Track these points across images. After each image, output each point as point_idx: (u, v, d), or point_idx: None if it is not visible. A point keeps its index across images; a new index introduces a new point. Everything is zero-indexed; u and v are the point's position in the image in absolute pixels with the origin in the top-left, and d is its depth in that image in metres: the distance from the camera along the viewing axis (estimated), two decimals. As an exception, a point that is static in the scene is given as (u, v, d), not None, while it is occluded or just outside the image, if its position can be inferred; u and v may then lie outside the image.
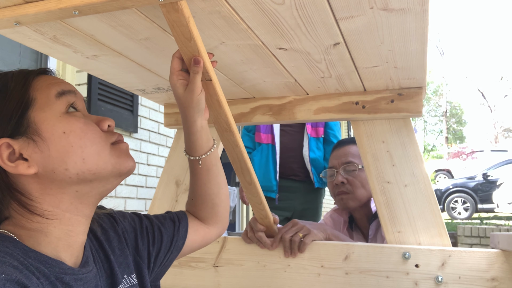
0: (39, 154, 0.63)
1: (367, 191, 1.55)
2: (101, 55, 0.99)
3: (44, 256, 0.61)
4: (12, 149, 0.62)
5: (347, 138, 1.73)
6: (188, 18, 0.72)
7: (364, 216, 1.59)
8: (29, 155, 0.62)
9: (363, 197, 1.55)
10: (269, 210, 1.23)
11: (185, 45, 0.77)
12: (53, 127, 0.64)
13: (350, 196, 1.55)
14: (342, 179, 1.56)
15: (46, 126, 0.64)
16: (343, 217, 1.66)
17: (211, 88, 0.84)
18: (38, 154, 0.63)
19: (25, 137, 0.63)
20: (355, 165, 1.55)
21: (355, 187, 1.54)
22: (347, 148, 1.62)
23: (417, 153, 1.18)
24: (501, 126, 28.77)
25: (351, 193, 1.55)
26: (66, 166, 0.63)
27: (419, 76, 1.07)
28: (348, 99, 1.21)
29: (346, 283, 1.16)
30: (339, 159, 1.60)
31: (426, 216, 1.16)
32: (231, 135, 0.94)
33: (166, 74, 1.11)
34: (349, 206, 1.57)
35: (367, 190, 1.55)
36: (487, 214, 11.22)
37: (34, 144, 0.63)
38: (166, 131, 4.05)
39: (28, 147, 0.63)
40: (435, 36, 28.96)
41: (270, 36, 0.87)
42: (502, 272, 1.06)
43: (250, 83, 1.17)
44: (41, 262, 0.59)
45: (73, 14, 0.73)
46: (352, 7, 0.75)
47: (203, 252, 1.31)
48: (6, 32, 0.88)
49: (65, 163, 0.63)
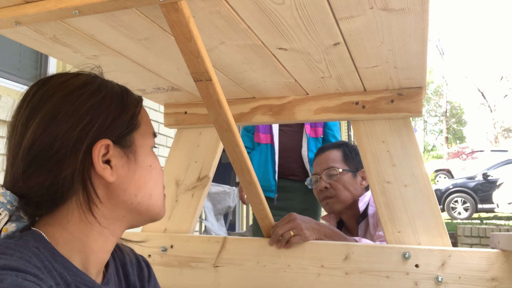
0: (125, 171, 0.67)
1: (350, 193, 1.62)
2: (101, 55, 0.99)
3: (70, 264, 0.62)
4: (107, 152, 0.65)
5: (327, 144, 1.81)
6: (188, 18, 0.73)
7: (352, 218, 1.63)
8: (116, 165, 0.66)
9: (347, 199, 1.61)
10: (269, 210, 1.23)
11: (185, 45, 0.77)
12: (146, 156, 0.70)
13: (334, 200, 1.62)
14: (325, 184, 1.63)
15: (141, 152, 0.70)
16: (331, 222, 1.69)
17: (211, 88, 0.84)
18: (125, 170, 0.67)
19: (123, 151, 0.67)
20: (336, 170, 1.63)
21: (338, 191, 1.61)
22: (327, 153, 1.69)
23: (417, 153, 1.18)
24: (501, 126, 28.77)
25: (335, 196, 1.62)
26: (136, 193, 0.68)
27: (419, 76, 1.07)
28: (348, 99, 1.21)
29: (346, 283, 1.16)
30: (320, 165, 1.67)
31: (426, 216, 1.16)
32: (231, 135, 0.94)
33: (166, 74, 1.11)
34: (335, 209, 1.63)
35: (350, 191, 1.61)
36: (487, 214, 11.22)
37: (126, 160, 0.68)
38: (166, 131, 4.05)
39: (120, 160, 0.67)
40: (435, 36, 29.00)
41: (270, 36, 0.87)
42: (502, 272, 1.06)
43: (250, 83, 1.17)
44: (66, 269, 0.61)
45: (73, 14, 0.73)
46: (352, 7, 0.75)
47: (203, 252, 1.31)
48: (6, 32, 0.88)
49: (138, 190, 0.68)
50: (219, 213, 3.84)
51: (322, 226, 1.30)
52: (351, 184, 1.61)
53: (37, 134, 0.63)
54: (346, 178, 1.62)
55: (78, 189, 0.64)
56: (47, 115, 0.63)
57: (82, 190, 0.64)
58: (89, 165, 0.64)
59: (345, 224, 1.68)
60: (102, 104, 0.66)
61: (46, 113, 0.64)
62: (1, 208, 0.61)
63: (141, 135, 0.71)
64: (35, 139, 0.63)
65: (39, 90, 0.66)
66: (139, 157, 0.69)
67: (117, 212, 0.68)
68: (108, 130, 0.66)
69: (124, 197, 0.67)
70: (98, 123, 0.65)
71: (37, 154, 0.63)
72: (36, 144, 0.63)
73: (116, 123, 0.67)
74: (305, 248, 1.23)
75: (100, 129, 0.65)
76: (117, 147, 0.66)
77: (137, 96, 0.74)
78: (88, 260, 0.65)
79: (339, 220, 1.71)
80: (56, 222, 0.64)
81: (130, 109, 0.70)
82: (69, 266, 0.62)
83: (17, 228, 0.62)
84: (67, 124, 0.63)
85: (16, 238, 0.60)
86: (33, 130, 0.63)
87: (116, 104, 0.68)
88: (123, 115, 0.68)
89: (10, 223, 0.62)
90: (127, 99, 0.71)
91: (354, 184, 1.63)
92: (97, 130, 0.65)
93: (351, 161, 1.66)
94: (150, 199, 0.70)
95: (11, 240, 0.59)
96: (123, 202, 0.67)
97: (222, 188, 3.81)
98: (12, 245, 0.57)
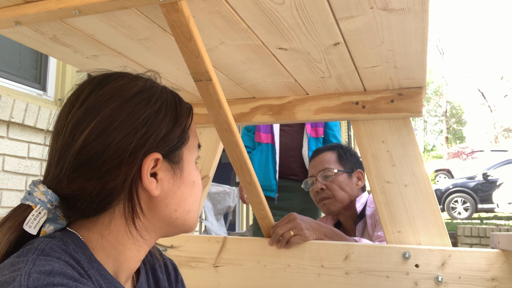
0: (170, 186, 0.66)
1: (347, 193, 1.63)
2: (101, 55, 0.99)
3: (105, 271, 0.62)
4: (155, 165, 0.64)
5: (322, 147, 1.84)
6: (188, 18, 0.73)
7: (349, 218, 1.64)
8: (162, 179, 0.65)
9: (344, 199, 1.63)
10: (269, 210, 1.23)
11: (185, 45, 0.77)
12: (191, 172, 0.69)
13: (331, 201, 1.63)
14: (321, 185, 1.64)
15: (187, 168, 0.69)
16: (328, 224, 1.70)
17: (211, 88, 0.84)
18: (170, 185, 0.66)
19: (171, 165, 0.66)
20: (331, 170, 1.64)
21: (335, 191, 1.62)
22: (322, 156, 1.71)
23: (417, 153, 1.18)
24: (501, 126, 28.76)
25: (332, 197, 1.63)
26: (176, 208, 0.67)
27: (419, 76, 1.07)
28: (348, 99, 1.21)
29: (346, 283, 1.16)
30: (316, 168, 1.69)
31: (426, 216, 1.16)
32: (231, 135, 0.94)
33: (166, 74, 1.11)
34: (333, 210, 1.64)
35: (346, 192, 1.63)
36: (487, 214, 11.22)
37: (173, 175, 0.66)
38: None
39: (167, 174, 0.66)
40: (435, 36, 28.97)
41: (270, 36, 0.87)
42: (502, 272, 1.06)
43: (250, 83, 1.17)
44: (101, 276, 0.61)
45: (73, 14, 0.73)
46: (352, 7, 0.75)
47: (203, 252, 1.31)
48: (6, 32, 0.88)
49: (179, 206, 0.67)
50: (219, 213, 3.84)
51: (322, 226, 1.31)
52: (346, 185, 1.63)
53: (90, 139, 0.61)
54: (341, 179, 1.63)
55: (122, 199, 0.63)
56: (102, 121, 0.62)
57: (128, 201, 0.63)
58: (137, 177, 0.63)
59: (343, 225, 1.68)
60: (158, 115, 0.65)
61: (101, 119, 0.62)
62: (41, 207, 0.60)
63: (188, 149, 0.69)
64: (87, 144, 0.61)
65: (95, 91, 0.64)
66: (184, 173, 0.68)
67: (156, 224, 0.67)
68: (161, 143, 0.64)
69: (165, 211, 0.66)
70: (153, 135, 0.64)
71: (87, 160, 0.61)
72: (87, 149, 0.61)
73: (168, 136, 0.65)
74: (305, 248, 1.23)
75: (154, 142, 0.64)
76: (165, 161, 0.65)
77: (188, 105, 0.72)
78: (120, 268, 0.65)
79: (336, 222, 1.72)
80: (95, 228, 0.63)
81: (182, 121, 0.68)
82: (104, 273, 0.61)
83: (54, 229, 0.62)
84: (121, 134, 0.62)
85: (57, 239, 0.59)
86: (86, 134, 0.61)
87: (170, 115, 0.67)
88: (176, 128, 0.67)
89: (48, 225, 0.61)
90: (180, 110, 0.69)
91: (350, 184, 1.64)
92: (151, 143, 0.63)
93: (346, 162, 1.67)
94: (188, 214, 0.69)
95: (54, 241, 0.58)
96: (163, 216, 0.67)
97: (222, 188, 3.81)
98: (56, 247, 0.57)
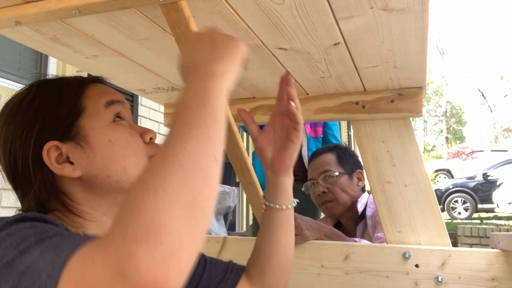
0: (85, 159, 0.65)
1: (349, 195, 1.61)
2: (101, 55, 0.99)
3: None
4: (60, 151, 0.65)
5: (321, 148, 1.80)
6: (188, 18, 0.73)
7: (350, 220, 1.63)
8: (75, 159, 0.65)
9: (346, 201, 1.61)
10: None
11: (185, 45, 0.76)
12: (100, 135, 0.67)
13: (334, 204, 1.61)
14: (323, 188, 1.61)
15: (94, 133, 0.67)
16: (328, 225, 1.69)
17: (211, 88, 0.83)
18: (84, 159, 0.65)
19: (73, 142, 0.66)
20: (332, 173, 1.61)
21: (337, 194, 1.60)
22: (322, 157, 1.68)
23: (417, 153, 1.18)
24: (501, 126, 28.77)
25: (334, 200, 1.61)
26: (108, 173, 0.66)
27: (419, 76, 1.07)
28: (348, 99, 1.21)
29: (346, 283, 1.16)
30: (316, 170, 1.66)
31: (426, 216, 1.16)
32: (231, 135, 0.94)
33: (166, 74, 1.11)
34: (335, 213, 1.62)
35: (348, 194, 1.60)
36: (487, 214, 11.21)
37: (81, 149, 0.66)
38: (166, 131, 4.05)
39: (75, 152, 0.65)
40: (435, 36, 28.94)
41: (270, 36, 0.87)
42: (502, 272, 1.06)
43: (250, 83, 1.17)
44: None
45: (73, 14, 0.73)
46: (352, 7, 0.75)
47: (203, 252, 1.31)
48: (6, 32, 0.88)
49: (108, 170, 0.66)
50: (219, 213, 3.84)
51: (322, 226, 1.31)
52: (348, 186, 1.61)
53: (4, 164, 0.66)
54: (343, 181, 1.61)
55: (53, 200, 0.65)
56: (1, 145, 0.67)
57: (56, 200, 0.65)
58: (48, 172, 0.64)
59: (344, 226, 1.67)
60: (37, 110, 0.66)
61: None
62: None
63: (89, 117, 0.67)
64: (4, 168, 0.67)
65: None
66: (92, 140, 0.66)
67: (105, 198, 0.67)
68: (49, 132, 0.65)
69: (100, 182, 0.66)
70: (36, 130, 0.64)
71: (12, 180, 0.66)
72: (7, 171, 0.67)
73: (54, 121, 0.65)
74: (305, 248, 1.23)
75: (41, 135, 0.64)
76: (66, 142, 0.65)
77: (80, 78, 0.71)
78: None
79: (336, 223, 1.71)
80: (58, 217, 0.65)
81: (67, 98, 0.67)
82: None
83: None
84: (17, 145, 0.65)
85: None
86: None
87: (51, 102, 0.67)
88: (61, 110, 0.66)
89: None
90: (64, 89, 0.68)
91: (351, 185, 1.62)
92: (37, 137, 0.64)
93: (345, 163, 1.65)
94: (126, 172, 0.67)
95: None
96: (103, 187, 0.66)
97: (222, 188, 3.81)
98: None
